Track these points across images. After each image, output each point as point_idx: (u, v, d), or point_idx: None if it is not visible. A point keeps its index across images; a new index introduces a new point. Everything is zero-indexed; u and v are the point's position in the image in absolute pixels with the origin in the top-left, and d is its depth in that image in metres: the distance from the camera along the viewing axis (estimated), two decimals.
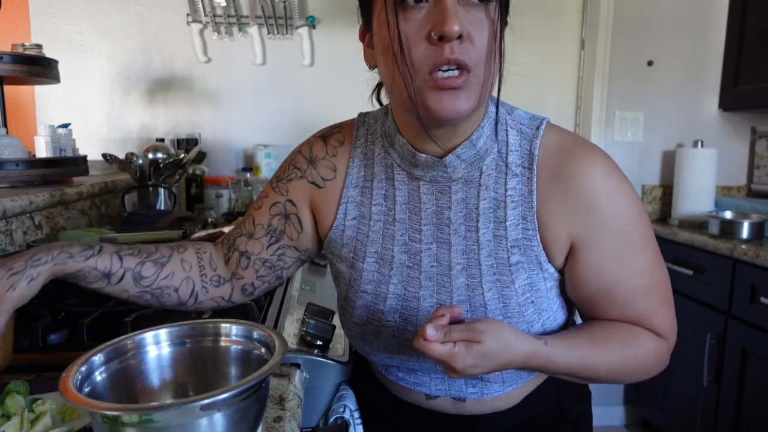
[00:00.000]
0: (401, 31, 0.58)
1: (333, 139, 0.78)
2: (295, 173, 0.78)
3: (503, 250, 0.67)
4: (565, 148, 0.67)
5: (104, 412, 0.41)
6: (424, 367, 0.74)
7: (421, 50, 0.58)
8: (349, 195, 0.75)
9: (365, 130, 0.77)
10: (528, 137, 0.69)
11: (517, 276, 0.67)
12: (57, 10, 2.09)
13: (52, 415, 0.58)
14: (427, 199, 0.70)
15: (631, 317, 0.69)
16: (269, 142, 2.23)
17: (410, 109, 0.61)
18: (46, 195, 1.29)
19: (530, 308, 0.68)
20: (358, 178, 0.75)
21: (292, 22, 2.17)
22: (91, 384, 0.48)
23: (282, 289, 1.07)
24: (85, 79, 2.14)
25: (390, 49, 0.59)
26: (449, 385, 0.75)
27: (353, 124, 0.79)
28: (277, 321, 0.89)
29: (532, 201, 0.66)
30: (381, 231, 0.73)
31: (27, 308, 0.87)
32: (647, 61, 2.34)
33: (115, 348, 0.51)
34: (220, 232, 1.31)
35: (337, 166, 0.76)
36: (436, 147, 0.67)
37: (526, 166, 0.67)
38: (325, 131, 0.80)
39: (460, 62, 0.57)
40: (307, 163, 0.78)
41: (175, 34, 2.16)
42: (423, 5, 0.58)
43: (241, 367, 0.54)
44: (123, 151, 1.83)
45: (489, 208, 0.68)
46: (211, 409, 0.42)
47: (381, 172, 0.73)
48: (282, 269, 0.80)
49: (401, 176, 0.71)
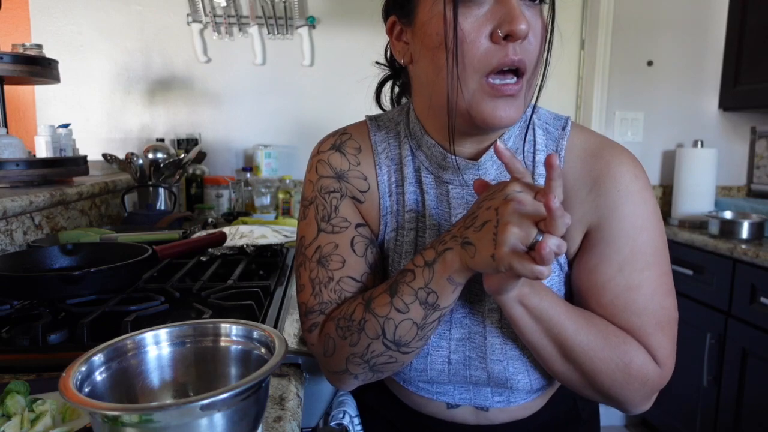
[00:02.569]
0: (461, 28, 0.55)
1: (348, 147, 0.72)
2: (335, 198, 0.70)
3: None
4: (591, 150, 0.66)
5: (104, 412, 0.41)
6: (454, 372, 0.69)
7: (482, 49, 0.55)
8: (386, 205, 0.70)
9: (384, 134, 0.72)
10: (554, 138, 0.67)
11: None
12: (57, 10, 2.09)
13: (52, 414, 0.58)
14: (457, 203, 0.67)
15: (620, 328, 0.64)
16: (269, 142, 2.23)
17: (453, 111, 0.58)
18: (47, 195, 1.29)
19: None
20: (390, 185, 0.70)
21: (292, 22, 2.18)
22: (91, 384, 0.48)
23: (282, 289, 1.07)
24: (86, 79, 2.14)
25: (443, 46, 0.56)
26: (474, 394, 0.72)
27: (364, 127, 0.74)
28: (277, 321, 0.89)
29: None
30: (414, 241, 0.69)
31: (27, 308, 0.87)
32: (647, 61, 2.34)
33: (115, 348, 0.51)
34: (220, 233, 1.31)
35: (366, 175, 0.71)
36: (467, 148, 0.64)
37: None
38: (333, 141, 0.73)
39: (523, 64, 0.55)
40: (337, 181, 0.70)
41: (176, 34, 2.16)
42: (485, 1, 0.55)
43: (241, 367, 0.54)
44: (123, 151, 1.83)
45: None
46: (211, 409, 0.42)
47: (411, 175, 0.69)
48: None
49: (429, 179, 0.68)
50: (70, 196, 1.41)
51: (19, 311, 0.87)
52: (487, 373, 0.68)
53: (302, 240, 0.71)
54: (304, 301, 0.70)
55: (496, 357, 0.67)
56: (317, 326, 0.69)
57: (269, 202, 2.09)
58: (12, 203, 1.15)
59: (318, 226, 0.69)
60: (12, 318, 0.86)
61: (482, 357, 0.68)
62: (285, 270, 1.21)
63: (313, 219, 0.70)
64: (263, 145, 2.21)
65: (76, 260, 1.02)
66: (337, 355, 0.66)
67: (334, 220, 0.69)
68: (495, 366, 0.67)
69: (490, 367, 0.68)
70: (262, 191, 2.08)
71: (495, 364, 0.67)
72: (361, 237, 0.69)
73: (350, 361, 0.65)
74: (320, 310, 0.68)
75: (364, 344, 0.63)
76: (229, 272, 1.10)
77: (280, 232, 1.47)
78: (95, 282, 0.88)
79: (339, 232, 0.69)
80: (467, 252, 0.55)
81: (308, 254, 0.70)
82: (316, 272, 0.68)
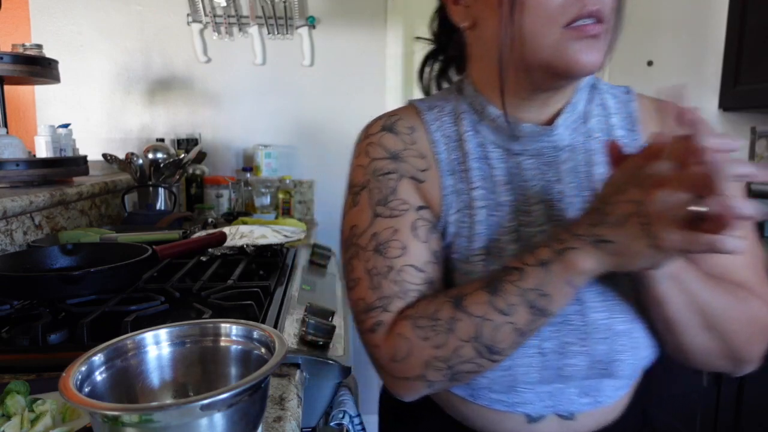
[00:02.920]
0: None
1: (400, 126, 0.66)
2: (391, 179, 0.63)
3: None
4: (662, 105, 0.66)
5: (104, 412, 0.41)
6: (547, 364, 0.60)
7: (558, 0, 0.54)
8: (447, 184, 0.64)
9: (436, 113, 0.68)
10: (623, 101, 0.67)
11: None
12: (57, 10, 2.09)
13: (52, 414, 0.58)
14: (531, 174, 0.63)
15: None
16: (269, 142, 2.23)
17: (531, 66, 0.57)
18: (47, 195, 1.29)
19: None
20: (450, 163, 0.65)
21: (292, 22, 2.17)
22: (91, 384, 0.48)
23: (282, 289, 1.07)
24: (86, 79, 2.14)
25: (500, 4, 0.55)
26: (558, 399, 0.63)
27: (413, 109, 0.69)
28: (277, 321, 0.89)
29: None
30: (485, 220, 0.62)
31: (27, 308, 0.87)
32: (647, 61, 2.34)
33: (115, 348, 0.51)
34: (220, 233, 1.31)
35: (424, 153, 0.65)
36: (533, 113, 0.63)
37: (629, 127, 0.65)
38: (382, 122, 0.68)
39: (601, 13, 0.54)
40: (393, 161, 0.64)
41: (176, 34, 2.16)
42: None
43: (241, 367, 0.54)
44: (123, 151, 1.83)
45: (602, 173, 0.62)
46: (211, 409, 0.42)
47: (474, 150, 0.65)
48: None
49: (497, 154, 0.64)
50: (70, 196, 1.41)
51: (19, 311, 0.87)
52: (589, 357, 0.60)
53: (353, 229, 0.64)
54: (361, 297, 0.62)
55: (600, 335, 0.60)
56: (382, 325, 0.60)
57: (269, 202, 2.09)
58: (12, 203, 1.15)
59: (373, 210, 0.62)
60: (12, 318, 0.86)
61: (583, 339, 0.60)
62: (285, 270, 1.22)
63: (366, 204, 0.63)
64: (263, 145, 2.21)
65: (76, 260, 1.02)
66: (414, 359, 0.58)
67: (392, 203, 0.62)
68: (598, 346, 0.60)
69: (593, 348, 0.60)
70: (262, 191, 2.08)
71: (598, 343, 0.60)
72: (424, 221, 0.62)
73: (431, 365, 0.57)
74: (383, 306, 0.60)
75: (451, 347, 0.56)
76: (229, 272, 1.10)
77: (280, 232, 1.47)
78: (95, 282, 0.88)
79: (398, 216, 0.62)
80: (604, 250, 0.50)
81: (362, 243, 0.62)
82: (372, 262, 0.61)
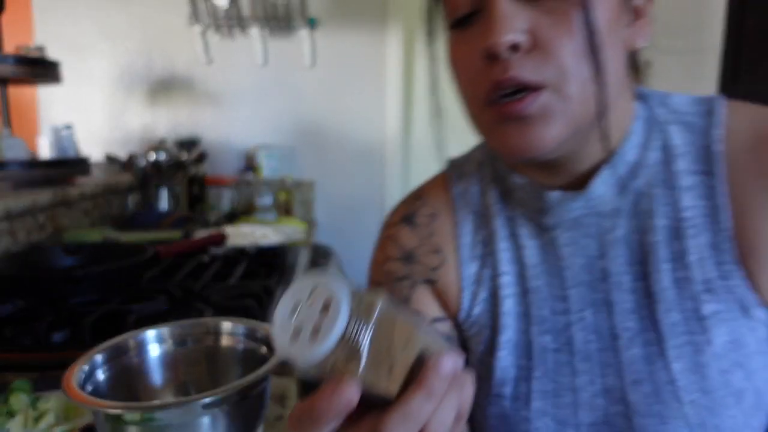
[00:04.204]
0: (457, 58, 0.47)
1: (420, 217, 0.59)
2: (405, 287, 0.58)
3: (690, 298, 0.48)
4: (764, 129, 0.48)
5: (107, 411, 0.42)
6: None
7: (471, 73, 0.45)
8: (468, 274, 0.57)
9: (465, 185, 0.59)
10: (700, 130, 0.50)
11: (716, 332, 0.47)
12: (59, 12, 2.10)
13: (55, 413, 0.58)
14: (569, 252, 0.52)
15: None
16: (270, 142, 2.24)
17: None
18: (49, 195, 1.30)
19: (738, 373, 0.47)
20: (474, 248, 0.57)
21: (293, 24, 2.18)
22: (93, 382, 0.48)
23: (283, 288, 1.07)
24: (88, 81, 2.15)
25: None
26: None
27: (443, 183, 0.61)
28: None
29: (721, 220, 0.47)
30: (513, 310, 0.55)
31: (30, 307, 0.87)
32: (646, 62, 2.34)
33: (117, 347, 0.52)
34: (221, 233, 1.32)
35: (440, 246, 0.58)
36: (568, 175, 0.50)
37: (704, 171, 0.49)
38: (404, 211, 0.61)
39: (516, 80, 0.42)
40: (405, 265, 0.59)
41: (177, 36, 2.16)
42: (479, 17, 0.44)
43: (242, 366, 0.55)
44: (125, 152, 1.84)
45: (661, 242, 0.49)
46: (213, 407, 0.42)
47: (502, 229, 0.56)
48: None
49: (526, 230, 0.54)
50: (73, 196, 1.42)
51: (22, 310, 0.87)
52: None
53: None
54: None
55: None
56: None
57: (270, 203, 2.09)
58: (15, 203, 1.16)
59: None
60: (15, 317, 0.86)
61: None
62: (286, 270, 1.22)
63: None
64: (264, 146, 2.22)
65: (78, 260, 1.02)
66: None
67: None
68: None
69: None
70: (263, 191, 2.09)
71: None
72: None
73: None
74: None
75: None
76: (230, 272, 1.10)
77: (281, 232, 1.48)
78: (98, 281, 0.88)
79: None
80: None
81: None
82: None
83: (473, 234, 0.57)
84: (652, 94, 0.54)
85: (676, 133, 0.51)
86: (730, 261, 0.47)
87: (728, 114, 0.50)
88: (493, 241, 0.56)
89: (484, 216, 0.57)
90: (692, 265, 0.48)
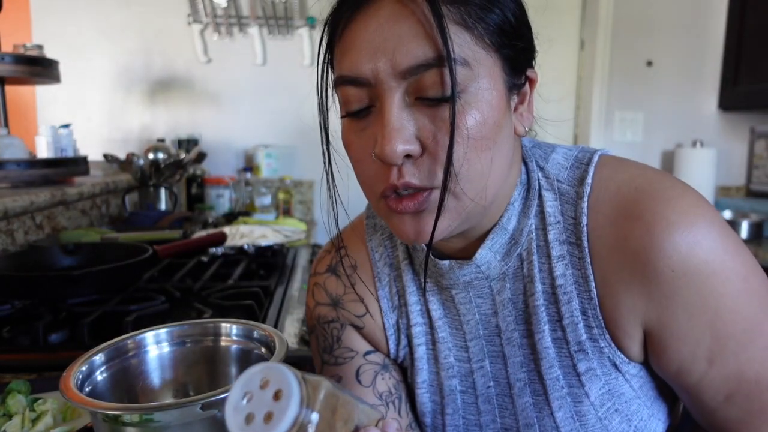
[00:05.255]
0: (352, 145, 0.48)
1: (343, 267, 0.63)
2: (335, 328, 0.62)
3: (566, 356, 0.52)
4: (623, 206, 0.48)
5: (105, 412, 0.41)
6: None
7: (371, 170, 0.47)
8: (391, 323, 0.61)
9: (380, 237, 0.63)
10: (571, 199, 0.51)
11: (591, 386, 0.52)
12: (58, 10, 2.09)
13: (53, 414, 0.58)
14: (465, 309, 0.56)
15: (724, 423, 0.50)
16: (269, 142, 2.24)
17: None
18: (47, 195, 1.29)
19: (615, 418, 0.52)
20: (392, 299, 0.61)
21: (292, 23, 2.18)
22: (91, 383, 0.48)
23: (282, 288, 1.07)
24: (86, 80, 2.14)
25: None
26: None
27: (360, 234, 0.64)
28: (278, 321, 0.90)
29: (589, 289, 0.50)
30: (425, 356, 0.60)
31: (28, 308, 0.87)
32: (646, 62, 2.34)
33: (115, 347, 0.52)
34: (221, 233, 1.31)
35: (362, 296, 0.62)
36: (458, 243, 0.54)
37: (573, 242, 0.51)
38: (329, 261, 0.65)
39: (412, 186, 0.45)
40: (333, 309, 0.63)
41: (176, 35, 2.16)
42: (372, 110, 0.46)
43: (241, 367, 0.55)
44: (124, 152, 1.83)
45: (540, 306, 0.52)
46: (212, 408, 0.42)
47: (410, 283, 0.60)
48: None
49: (430, 286, 0.58)
50: (71, 196, 1.42)
51: (20, 311, 0.87)
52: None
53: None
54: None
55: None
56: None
57: (269, 202, 2.09)
58: (13, 203, 1.15)
59: (321, 358, 0.63)
60: (13, 318, 0.86)
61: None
62: (285, 270, 1.22)
63: (315, 350, 0.65)
64: (264, 145, 2.21)
65: (76, 260, 1.02)
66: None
67: (337, 351, 0.62)
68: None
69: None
70: (262, 191, 2.08)
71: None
72: (370, 364, 0.62)
73: None
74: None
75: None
76: (229, 272, 1.10)
77: (280, 232, 1.48)
78: (96, 282, 0.88)
79: (343, 364, 0.62)
80: None
81: None
82: None
83: (389, 286, 0.61)
84: (533, 154, 0.55)
85: (549, 200, 0.52)
86: (598, 326, 0.50)
87: (597, 181, 0.51)
88: (404, 294, 0.60)
89: (397, 269, 0.61)
90: (566, 327, 0.51)
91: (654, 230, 0.46)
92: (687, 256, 0.45)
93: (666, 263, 0.46)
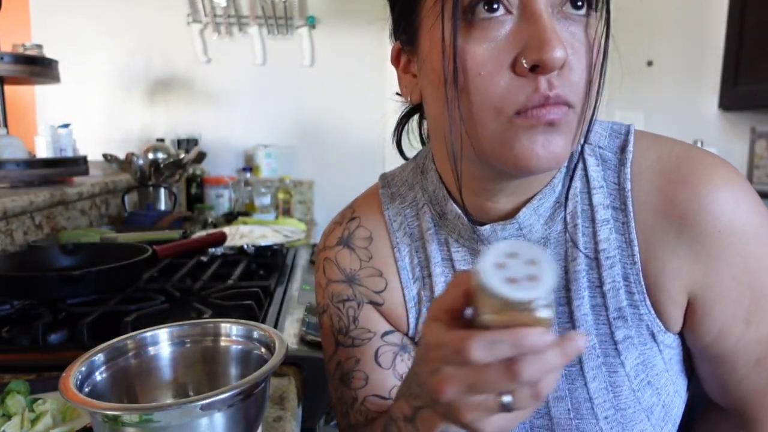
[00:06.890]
0: (472, 57, 0.42)
1: (357, 239, 0.61)
2: (351, 307, 0.60)
3: (604, 323, 0.51)
4: (668, 172, 0.49)
5: (104, 412, 0.41)
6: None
7: (503, 84, 0.42)
8: (412, 295, 0.59)
9: (398, 206, 0.60)
10: (613, 165, 0.52)
11: (628, 355, 0.51)
12: (58, 10, 2.09)
13: (52, 414, 0.58)
14: None
15: (748, 394, 0.51)
16: (269, 142, 2.24)
17: (477, 159, 0.46)
18: (47, 195, 1.29)
19: (647, 391, 0.52)
20: (413, 270, 0.59)
21: (292, 23, 2.18)
22: (91, 384, 0.48)
23: (282, 288, 1.07)
24: (86, 80, 2.14)
25: (443, 84, 0.44)
26: None
27: (376, 204, 0.61)
28: (277, 321, 0.90)
29: (633, 254, 0.50)
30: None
31: (27, 308, 0.87)
32: (647, 62, 2.34)
33: (115, 348, 0.51)
34: (220, 233, 1.31)
35: (381, 269, 0.59)
36: (503, 204, 0.51)
37: (618, 206, 0.51)
38: (340, 233, 0.61)
39: (561, 100, 0.42)
40: (349, 286, 0.60)
41: (176, 34, 2.16)
42: (503, 18, 0.41)
43: (241, 367, 0.55)
44: (123, 151, 1.83)
45: (581, 271, 0.52)
46: (211, 408, 0.42)
47: (437, 253, 0.57)
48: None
49: (460, 253, 0.56)
50: (71, 196, 1.41)
51: (19, 311, 0.87)
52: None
53: (324, 352, 0.64)
54: (339, 421, 0.63)
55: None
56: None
57: (269, 202, 2.09)
58: (12, 203, 1.15)
59: (335, 339, 0.61)
60: (12, 318, 0.86)
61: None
62: (285, 270, 1.22)
63: (328, 331, 0.62)
64: (263, 145, 2.21)
65: (76, 260, 1.02)
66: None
67: (354, 332, 0.60)
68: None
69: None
70: (262, 191, 2.08)
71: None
72: (389, 346, 0.60)
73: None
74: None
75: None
76: (229, 272, 1.10)
77: (280, 232, 1.48)
78: (95, 282, 0.88)
79: (360, 345, 0.59)
80: (440, 413, 0.40)
81: (330, 370, 0.62)
82: (340, 392, 0.61)
83: (410, 257, 0.59)
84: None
85: (592, 165, 0.52)
86: (639, 292, 0.50)
87: (637, 150, 0.52)
88: (429, 264, 0.57)
89: (420, 239, 0.58)
90: (607, 293, 0.51)
91: (701, 192, 0.47)
92: (732, 216, 0.47)
93: (713, 224, 0.47)
